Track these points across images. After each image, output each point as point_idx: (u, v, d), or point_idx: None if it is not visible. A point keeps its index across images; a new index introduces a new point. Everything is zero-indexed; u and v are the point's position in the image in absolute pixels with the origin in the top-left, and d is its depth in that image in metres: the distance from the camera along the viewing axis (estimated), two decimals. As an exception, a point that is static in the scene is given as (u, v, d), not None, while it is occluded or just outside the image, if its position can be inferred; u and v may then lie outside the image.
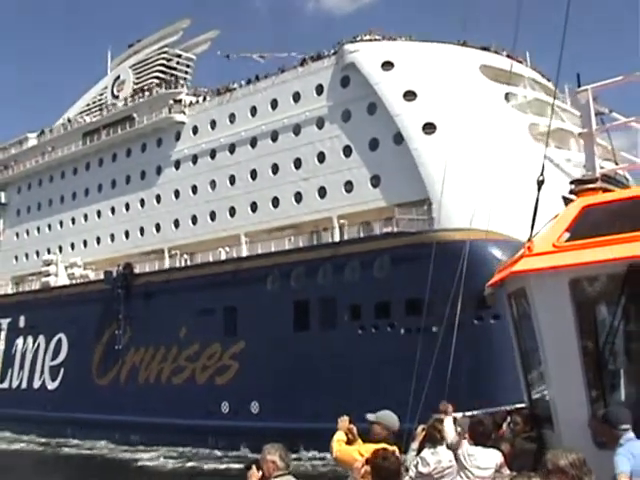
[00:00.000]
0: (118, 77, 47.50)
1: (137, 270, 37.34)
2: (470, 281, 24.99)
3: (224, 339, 32.46)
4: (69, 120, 45.64)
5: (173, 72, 45.61)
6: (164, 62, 45.88)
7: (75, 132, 44.45)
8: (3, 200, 49.08)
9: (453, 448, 6.27)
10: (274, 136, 33.90)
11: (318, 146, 32.03)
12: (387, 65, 30.02)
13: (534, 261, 5.52)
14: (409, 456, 6.72)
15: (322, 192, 31.69)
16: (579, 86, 6.49)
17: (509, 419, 7.02)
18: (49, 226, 45.66)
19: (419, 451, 6.70)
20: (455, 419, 7.08)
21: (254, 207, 34.15)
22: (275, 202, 33.36)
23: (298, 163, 32.72)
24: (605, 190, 6.09)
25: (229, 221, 35.06)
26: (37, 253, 45.84)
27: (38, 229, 46.59)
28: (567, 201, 21.44)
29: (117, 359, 37.24)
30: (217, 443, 31.34)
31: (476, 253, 25.65)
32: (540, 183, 6.12)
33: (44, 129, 47.74)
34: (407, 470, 6.14)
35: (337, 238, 30.61)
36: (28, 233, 47.38)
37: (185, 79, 46.65)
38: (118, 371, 37.18)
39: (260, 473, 4.54)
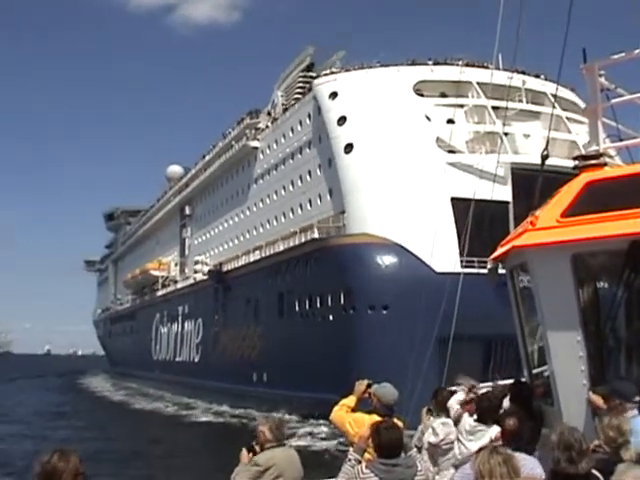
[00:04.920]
0: (274, 101, 62.08)
1: (225, 268, 51.76)
2: (350, 278, 35.54)
3: (255, 323, 44.96)
4: (213, 146, 61.62)
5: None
6: (303, 85, 58.69)
7: (216, 155, 60.17)
8: (187, 212, 67.61)
9: (454, 420, 7.00)
10: (292, 157, 44.98)
11: (308, 165, 42.33)
12: (333, 95, 39.15)
13: (537, 236, 5.97)
14: (416, 436, 7.44)
15: (310, 202, 42.03)
16: (585, 62, 6.85)
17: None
18: (210, 233, 62.48)
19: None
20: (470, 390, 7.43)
21: (284, 215, 45.70)
22: (292, 211, 44.52)
23: (301, 179, 43.41)
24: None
25: (274, 226, 47.07)
26: (204, 254, 63.00)
27: (206, 235, 63.79)
28: (455, 202, 32.81)
29: (217, 338, 52.17)
30: (253, 405, 43.92)
31: (360, 255, 34.96)
32: (544, 158, 7.00)
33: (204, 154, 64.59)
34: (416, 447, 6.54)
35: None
36: (201, 239, 65.01)
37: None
38: (218, 348, 52.04)
39: (250, 454, 5.58)
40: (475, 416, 6.78)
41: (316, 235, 37.65)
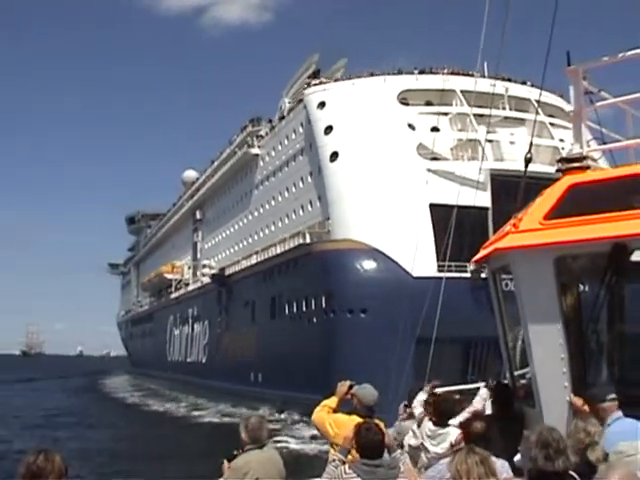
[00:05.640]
0: (281, 107, 63.79)
1: (227, 272, 53.52)
2: (331, 282, 37.40)
3: (252, 325, 46.64)
4: (220, 152, 63.46)
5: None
6: (308, 92, 60.27)
7: (223, 161, 61.96)
8: (198, 217, 69.67)
9: (417, 422, 7.29)
10: (287, 164, 46.55)
11: (301, 172, 43.85)
12: (321, 105, 40.63)
13: (519, 238, 6.02)
14: (391, 431, 7.36)
15: (302, 209, 43.54)
16: (569, 65, 6.92)
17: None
18: (217, 237, 64.41)
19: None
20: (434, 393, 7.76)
21: (281, 220, 47.31)
22: (287, 216, 46.08)
23: (295, 186, 44.97)
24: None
25: (272, 231, 48.69)
26: (212, 258, 64.92)
27: (214, 239, 65.72)
28: (434, 208, 34.81)
29: (220, 340, 54.01)
30: (253, 405, 45.62)
31: (341, 260, 36.41)
32: (528, 160, 6.89)
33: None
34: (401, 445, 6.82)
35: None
36: (210, 243, 66.95)
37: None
38: (221, 349, 53.86)
39: (229, 465, 5.57)
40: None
41: (307, 240, 39.04)
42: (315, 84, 42.62)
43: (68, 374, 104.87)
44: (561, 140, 37.84)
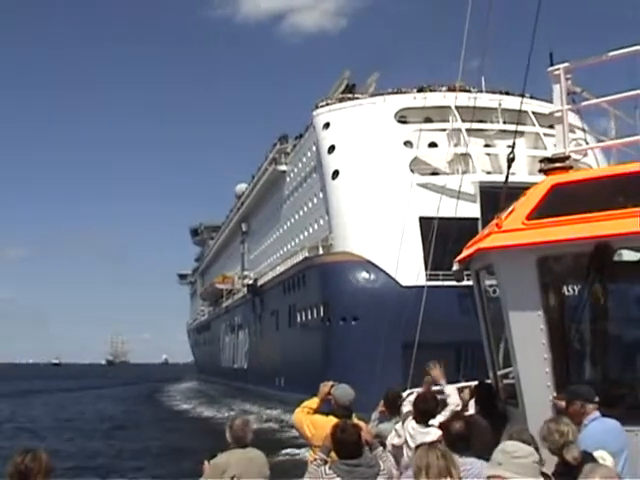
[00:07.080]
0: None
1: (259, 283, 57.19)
2: (328, 292, 41.28)
3: (276, 333, 50.04)
4: (259, 167, 67.17)
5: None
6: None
7: (259, 176, 65.62)
8: (244, 229, 73.64)
9: (402, 419, 7.25)
10: (305, 180, 49.74)
11: (314, 188, 46.96)
12: (326, 126, 43.65)
13: (502, 238, 6.10)
14: (370, 426, 7.48)
15: (316, 223, 46.62)
16: (552, 65, 7.04)
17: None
18: (258, 249, 68.22)
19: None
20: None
21: (302, 233, 50.53)
22: (306, 230, 49.26)
23: (311, 201, 48.10)
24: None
25: (296, 243, 51.91)
26: (254, 269, 68.75)
27: (256, 251, 69.52)
28: (424, 221, 38.66)
29: (256, 347, 57.66)
30: (278, 407, 48.96)
31: (337, 272, 39.42)
32: (510, 160, 7.22)
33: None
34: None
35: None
36: (253, 254, 70.82)
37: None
38: (256, 355, 57.47)
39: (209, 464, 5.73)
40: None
41: (320, 252, 42.11)
42: (322, 105, 45.64)
43: (139, 381, 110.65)
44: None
